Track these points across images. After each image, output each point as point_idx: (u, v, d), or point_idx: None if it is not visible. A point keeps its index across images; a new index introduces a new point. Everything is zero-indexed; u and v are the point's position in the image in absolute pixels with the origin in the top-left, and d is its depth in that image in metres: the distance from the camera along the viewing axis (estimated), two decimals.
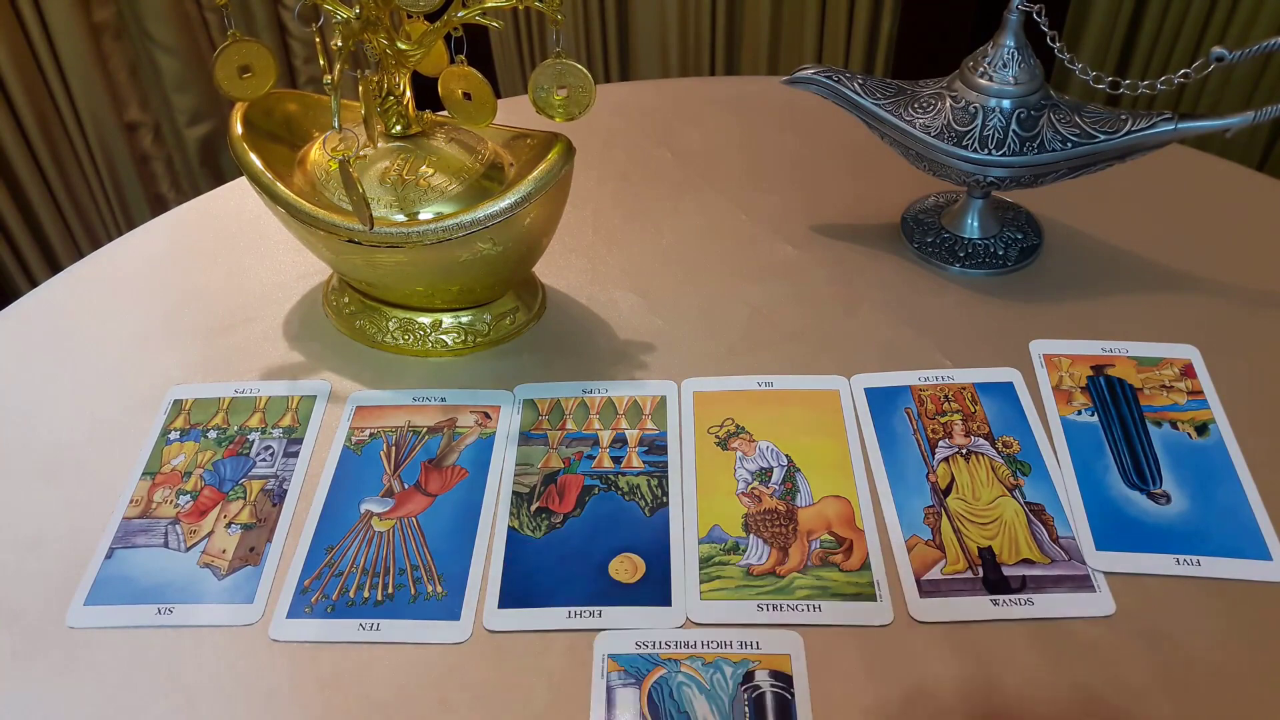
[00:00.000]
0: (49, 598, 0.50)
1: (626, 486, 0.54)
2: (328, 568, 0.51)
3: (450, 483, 0.55)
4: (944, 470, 0.54)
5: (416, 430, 0.58)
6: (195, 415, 0.59)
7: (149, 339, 0.65)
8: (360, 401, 0.60)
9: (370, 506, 0.54)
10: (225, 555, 0.52)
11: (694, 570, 0.50)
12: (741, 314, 0.65)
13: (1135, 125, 0.59)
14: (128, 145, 1.37)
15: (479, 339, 0.63)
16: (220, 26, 1.27)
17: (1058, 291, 0.65)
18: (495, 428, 0.58)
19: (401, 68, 0.56)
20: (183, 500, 0.54)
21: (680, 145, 0.81)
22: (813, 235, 0.71)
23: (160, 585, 0.50)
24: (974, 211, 0.69)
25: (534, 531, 0.52)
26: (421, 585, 0.50)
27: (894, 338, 0.62)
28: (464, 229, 0.55)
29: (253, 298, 0.68)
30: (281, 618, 0.49)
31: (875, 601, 0.48)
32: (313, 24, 0.54)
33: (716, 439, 0.57)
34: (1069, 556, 0.50)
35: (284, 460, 0.56)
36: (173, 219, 0.76)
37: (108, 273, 0.71)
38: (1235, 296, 0.64)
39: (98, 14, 1.27)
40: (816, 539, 0.51)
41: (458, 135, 0.59)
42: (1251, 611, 0.47)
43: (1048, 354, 0.61)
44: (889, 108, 0.64)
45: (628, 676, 0.46)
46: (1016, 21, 0.60)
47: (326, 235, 0.56)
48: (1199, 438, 0.55)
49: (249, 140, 0.59)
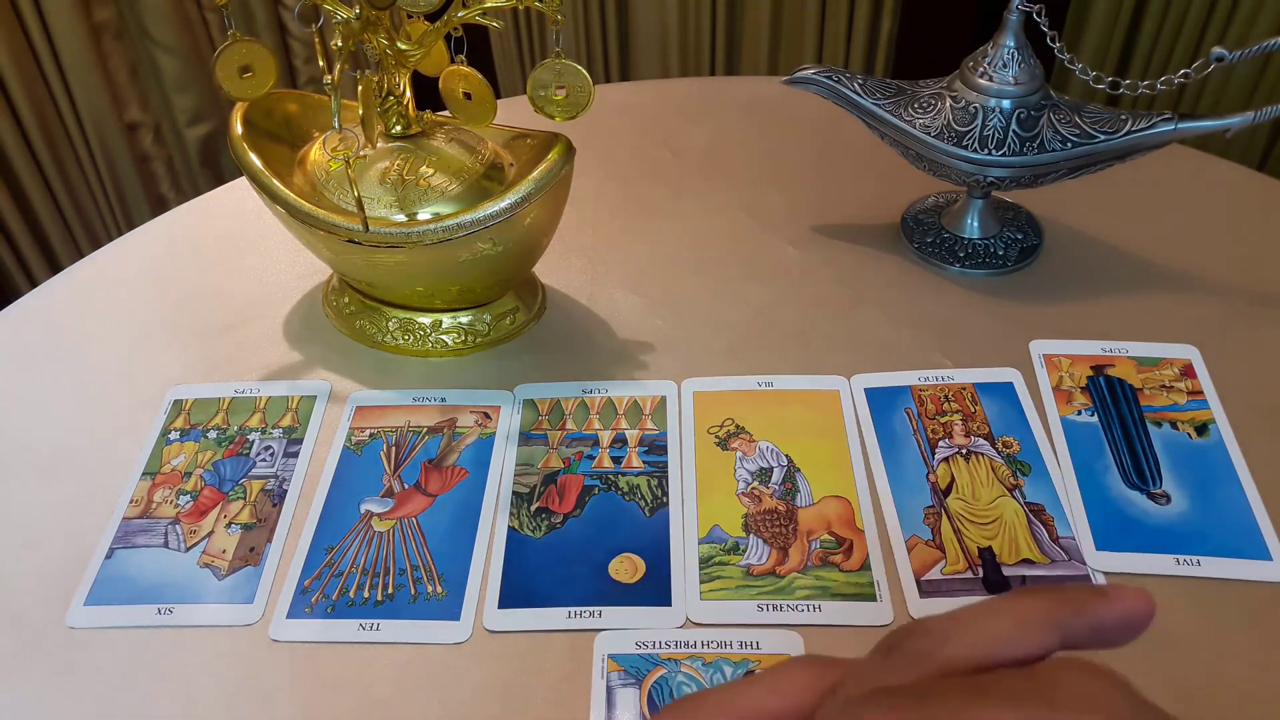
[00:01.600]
0: (49, 598, 0.50)
1: (626, 486, 0.54)
2: (328, 568, 0.51)
3: (450, 483, 0.55)
4: (944, 470, 0.54)
5: (416, 430, 0.58)
6: (195, 415, 0.59)
7: (149, 339, 0.65)
8: (360, 402, 0.60)
9: (370, 506, 0.54)
10: (225, 555, 0.52)
11: (694, 570, 0.50)
12: (741, 314, 0.65)
13: (1135, 125, 0.59)
14: (128, 145, 1.37)
15: (479, 339, 0.63)
16: (220, 26, 1.27)
17: (1058, 291, 0.65)
18: (495, 428, 0.58)
19: (401, 68, 0.56)
20: (183, 500, 0.54)
21: (680, 145, 0.81)
22: (813, 235, 0.71)
23: (160, 585, 0.50)
24: (974, 211, 0.69)
25: (534, 531, 0.52)
26: (421, 585, 0.50)
27: (894, 338, 0.62)
28: (464, 229, 0.55)
29: (253, 298, 0.68)
30: (281, 618, 0.49)
31: (875, 602, 0.48)
32: (313, 24, 0.54)
33: (716, 439, 0.57)
34: (1069, 557, 0.50)
35: (284, 460, 0.56)
36: (173, 219, 0.76)
37: (108, 273, 0.71)
38: (1235, 296, 0.64)
39: (98, 14, 1.27)
40: (816, 539, 0.51)
41: (458, 135, 0.59)
42: (1251, 611, 0.47)
43: (1048, 354, 0.61)
44: (889, 108, 0.64)
45: (628, 677, 0.46)
46: (1016, 22, 0.60)
47: (326, 235, 0.56)
48: (1199, 438, 0.55)
49: (249, 140, 0.59)
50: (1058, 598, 0.22)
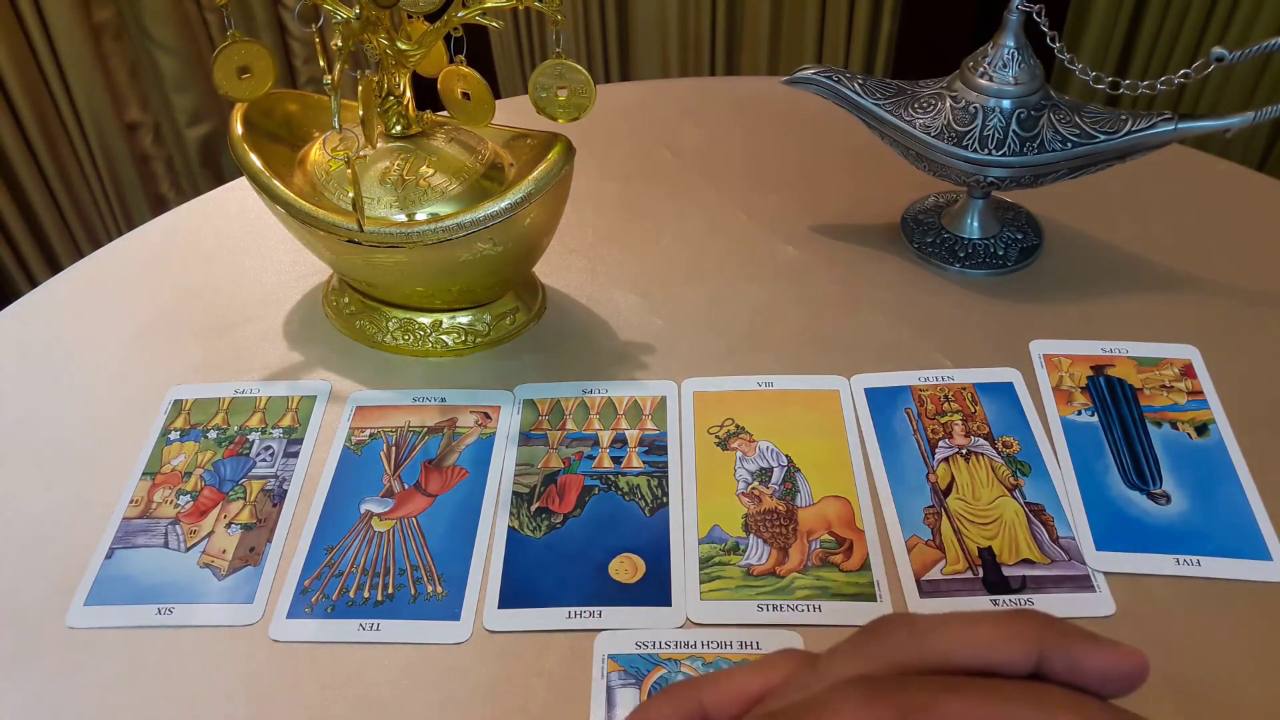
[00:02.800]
0: (49, 598, 0.50)
1: (626, 486, 0.54)
2: (328, 568, 0.51)
3: (450, 483, 0.55)
4: (944, 470, 0.54)
5: (416, 430, 0.58)
6: (195, 415, 0.59)
7: (149, 339, 0.65)
8: (360, 402, 0.60)
9: (370, 507, 0.54)
10: (225, 555, 0.52)
11: (694, 570, 0.50)
12: (741, 314, 0.65)
13: (1135, 125, 0.59)
14: (128, 145, 1.37)
15: (479, 339, 0.63)
16: (220, 26, 1.27)
17: (1058, 291, 0.65)
18: (495, 428, 0.58)
19: (401, 68, 0.56)
20: (183, 500, 0.54)
21: (680, 145, 0.81)
22: (813, 235, 0.71)
23: (160, 585, 0.50)
24: (974, 211, 0.69)
25: (534, 531, 0.52)
26: (421, 585, 0.50)
27: (894, 338, 0.62)
28: (464, 229, 0.55)
29: (253, 298, 0.68)
30: (281, 618, 0.49)
31: (875, 602, 0.48)
32: (313, 24, 0.54)
33: (716, 439, 0.57)
34: (1069, 557, 0.50)
35: (284, 460, 0.56)
36: (173, 219, 0.76)
37: (108, 273, 0.71)
38: (1235, 296, 0.64)
39: (98, 14, 1.27)
40: (816, 539, 0.51)
41: (458, 135, 0.59)
42: (1251, 611, 0.47)
43: (1048, 354, 0.61)
44: (889, 108, 0.64)
45: (628, 677, 0.46)
46: (1016, 21, 0.60)
47: (326, 235, 0.56)
48: (1199, 438, 0.55)
49: (249, 140, 0.59)
50: (1046, 622, 0.23)
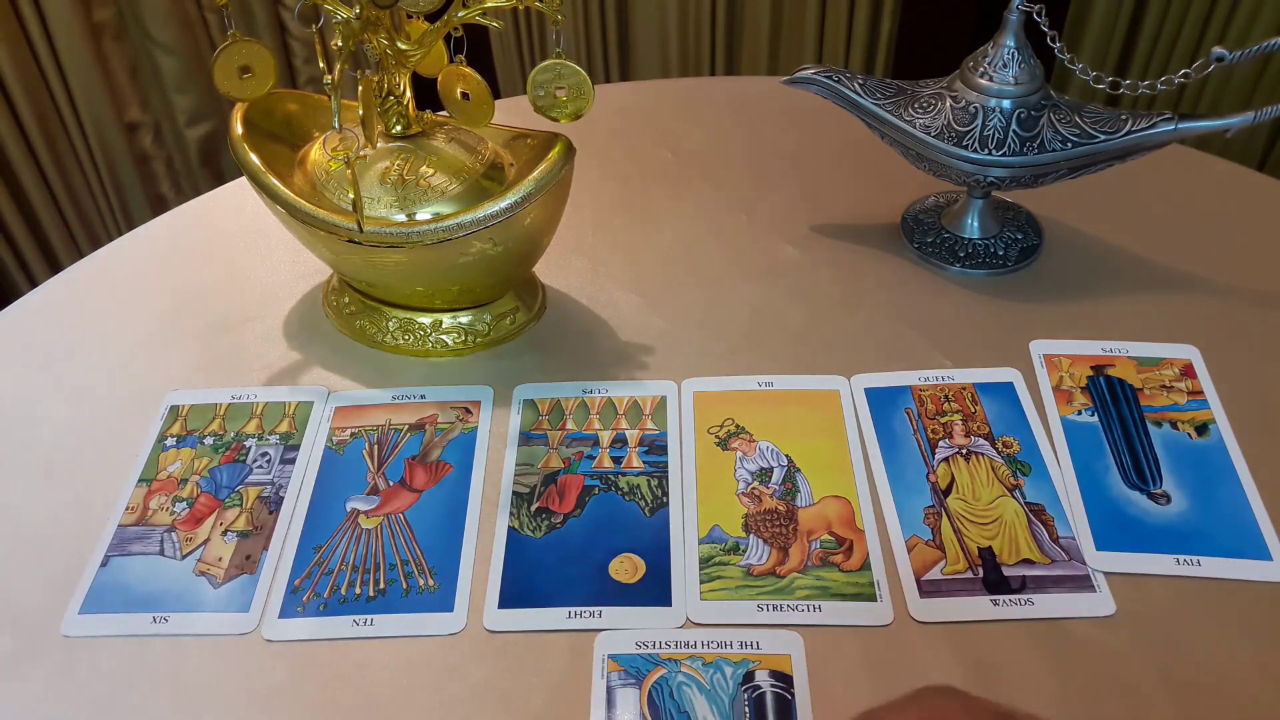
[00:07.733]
0: (44, 605, 0.50)
1: (626, 486, 0.54)
2: (317, 567, 0.51)
3: (436, 478, 0.55)
4: (944, 470, 0.54)
5: (398, 428, 0.58)
6: (192, 421, 0.59)
7: (148, 339, 0.65)
8: (340, 402, 0.59)
9: (356, 505, 0.54)
10: (221, 563, 0.51)
11: (694, 570, 0.50)
12: (742, 314, 0.65)
13: (1135, 125, 0.59)
14: (128, 145, 1.37)
15: (479, 339, 0.63)
16: (220, 26, 1.27)
17: (1058, 291, 0.65)
18: (477, 422, 0.58)
19: (401, 68, 0.56)
20: (179, 507, 0.54)
21: (680, 145, 0.81)
22: (813, 235, 0.71)
23: (155, 593, 0.50)
24: (974, 211, 0.69)
25: (534, 532, 0.52)
26: (413, 579, 0.50)
27: (894, 338, 0.62)
28: (464, 229, 0.55)
29: (252, 298, 0.68)
30: (274, 618, 0.49)
31: (875, 602, 0.48)
32: (313, 24, 0.54)
33: (716, 439, 0.57)
34: (1069, 556, 0.50)
35: (280, 467, 0.56)
36: (173, 219, 0.76)
37: (108, 273, 0.71)
38: (1235, 296, 0.64)
39: (98, 14, 1.27)
40: (816, 539, 0.51)
41: (458, 135, 0.59)
42: (1251, 611, 0.47)
43: (1048, 354, 0.61)
44: (889, 108, 0.63)
45: (628, 677, 0.46)
46: (1016, 21, 0.60)
47: (326, 235, 0.56)
48: (1199, 438, 0.55)
49: (249, 140, 0.59)
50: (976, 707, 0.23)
